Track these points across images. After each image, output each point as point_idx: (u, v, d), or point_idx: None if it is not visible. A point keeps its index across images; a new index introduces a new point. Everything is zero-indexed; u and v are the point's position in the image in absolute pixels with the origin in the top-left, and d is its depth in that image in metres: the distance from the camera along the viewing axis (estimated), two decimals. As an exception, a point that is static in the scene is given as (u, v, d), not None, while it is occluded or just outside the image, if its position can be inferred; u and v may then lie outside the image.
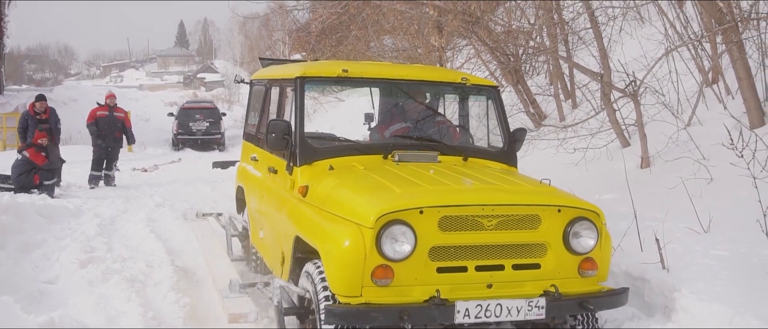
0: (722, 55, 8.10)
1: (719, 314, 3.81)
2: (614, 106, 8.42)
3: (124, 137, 12.83)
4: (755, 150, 5.41)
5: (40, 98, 12.10)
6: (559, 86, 10.74)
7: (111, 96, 12.85)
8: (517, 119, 10.66)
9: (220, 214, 7.45)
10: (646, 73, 8.10)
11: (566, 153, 8.45)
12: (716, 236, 5.39)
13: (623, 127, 8.51)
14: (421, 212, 3.52)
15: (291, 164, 4.45)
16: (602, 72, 8.49)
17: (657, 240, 4.69)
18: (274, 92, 5.53)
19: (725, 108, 7.99)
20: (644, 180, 7.40)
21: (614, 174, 7.68)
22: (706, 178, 6.75)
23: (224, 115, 25.12)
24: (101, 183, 12.46)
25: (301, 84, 4.62)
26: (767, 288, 4.05)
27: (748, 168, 4.92)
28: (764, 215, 4.58)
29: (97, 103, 12.78)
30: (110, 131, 12.38)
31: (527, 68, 11.64)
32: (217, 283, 4.71)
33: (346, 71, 4.73)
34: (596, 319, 4.11)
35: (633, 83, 7.81)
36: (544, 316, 3.61)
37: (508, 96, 11.03)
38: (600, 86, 8.56)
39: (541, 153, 8.95)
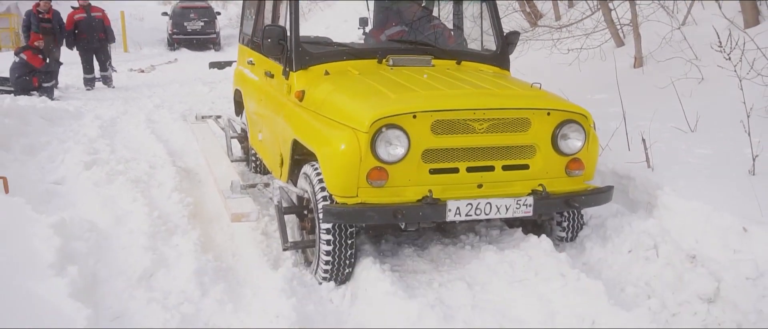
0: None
1: (697, 210, 3.96)
2: (610, 5, 8.35)
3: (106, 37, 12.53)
4: (743, 50, 5.44)
5: None
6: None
7: None
8: (513, 18, 10.55)
9: (219, 116, 7.50)
10: (643, -29, 8.00)
11: (560, 53, 8.44)
12: (702, 135, 5.50)
13: (618, 27, 8.47)
14: (415, 117, 3.58)
15: (287, 69, 4.47)
16: (599, -30, 8.37)
17: (643, 140, 4.80)
18: (269, -4, 5.47)
19: (720, 7, 7.93)
20: (636, 80, 7.45)
21: (607, 74, 7.70)
22: (698, 78, 6.80)
23: (219, 14, 24.58)
24: (98, 84, 12.41)
25: None
26: (745, 186, 4.18)
27: (735, 71, 4.96)
28: (748, 116, 4.66)
29: (72, 7, 12.42)
30: (91, 33, 12.14)
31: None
32: (219, 184, 4.83)
33: None
34: (581, 215, 4.28)
35: (629, -18, 7.73)
36: (531, 214, 3.76)
37: (505, -6, 10.87)
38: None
39: (535, 53, 8.94)
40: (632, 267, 3.87)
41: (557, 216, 4.23)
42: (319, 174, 3.82)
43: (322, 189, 3.76)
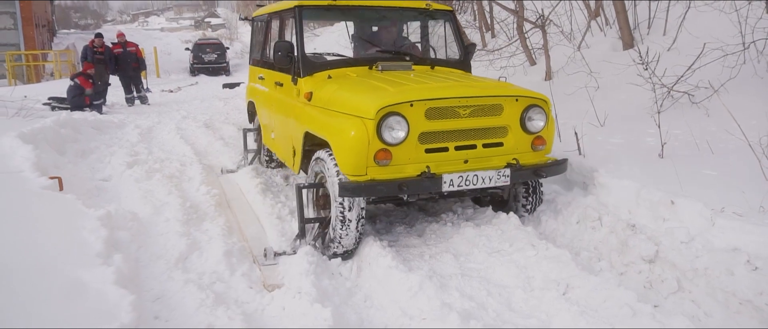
0: (605, -4, 7.64)
1: (628, 187, 3.49)
2: (526, 35, 7.91)
3: (138, 65, 11.39)
4: (651, 62, 5.02)
5: (99, 36, 10.96)
6: (482, 21, 10.09)
7: (121, 35, 11.41)
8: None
9: (251, 162, 5.61)
10: (551, 10, 7.58)
11: (494, 70, 7.97)
12: (610, 128, 5.07)
13: (532, 50, 8.03)
14: (412, 105, 3.06)
15: (296, 76, 3.86)
16: (517, 9, 7.90)
17: (576, 133, 4.33)
18: (275, 23, 4.79)
19: (605, 35, 7.61)
20: (548, 89, 7.01)
21: (527, 84, 7.26)
22: (594, 86, 6.40)
23: (228, 48, 23.50)
24: (137, 102, 11.41)
25: (299, 11, 3.95)
26: (660, 167, 3.74)
27: (650, 79, 4.50)
28: (659, 112, 4.22)
29: (111, 43, 11.30)
30: (127, 63, 11.03)
31: (457, 7, 10.88)
32: (251, 245, 3.86)
33: (334, 0, 4.07)
34: (541, 193, 3.77)
35: (541, 17, 7.28)
36: (509, 182, 3.25)
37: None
38: (515, 19, 7.99)
39: (474, 70, 8.44)
40: (582, 235, 3.37)
41: (523, 199, 3.72)
42: (332, 158, 3.22)
43: (337, 170, 3.16)
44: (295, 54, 3.81)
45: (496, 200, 3.85)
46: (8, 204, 3.50)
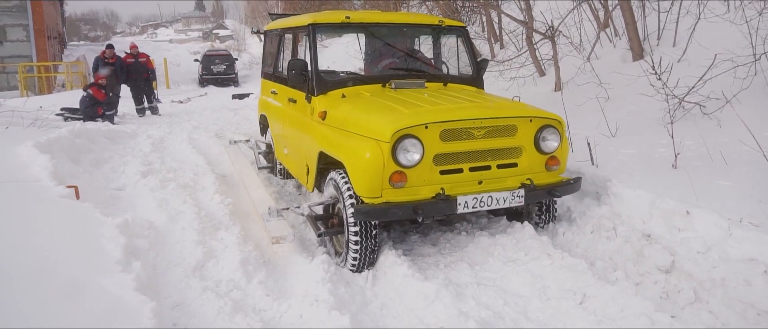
0: (615, 8, 7.67)
1: (642, 197, 3.50)
2: (534, 45, 7.96)
3: (149, 76, 11.46)
4: (661, 72, 5.03)
5: (110, 47, 11.04)
6: (491, 32, 10.15)
7: (134, 46, 11.54)
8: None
9: (247, 140, 6.75)
10: (560, 21, 7.63)
11: (503, 80, 8.01)
12: (622, 139, 5.08)
13: (541, 61, 8.08)
14: (426, 127, 3.07)
15: (309, 94, 3.89)
16: (527, 20, 7.96)
17: (588, 143, 4.34)
18: (287, 39, 4.86)
19: (615, 46, 7.65)
20: (558, 100, 7.05)
21: (538, 95, 7.31)
22: (605, 97, 6.42)
23: (236, 59, 23.72)
24: (148, 113, 11.52)
25: (313, 30, 3.99)
26: (674, 178, 3.75)
27: (664, 90, 4.52)
28: (671, 122, 4.24)
29: (124, 53, 11.39)
30: (139, 74, 11.13)
31: (466, 19, 10.95)
32: (257, 207, 4.09)
33: (348, 18, 4.12)
34: (555, 207, 3.78)
35: (551, 28, 7.33)
36: (523, 202, 3.26)
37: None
38: (524, 30, 8.04)
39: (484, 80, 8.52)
40: (596, 245, 3.39)
41: (536, 214, 3.74)
42: (346, 181, 3.23)
43: (350, 192, 3.18)
44: (309, 72, 3.84)
45: (511, 211, 3.86)
46: (29, 212, 3.56)
